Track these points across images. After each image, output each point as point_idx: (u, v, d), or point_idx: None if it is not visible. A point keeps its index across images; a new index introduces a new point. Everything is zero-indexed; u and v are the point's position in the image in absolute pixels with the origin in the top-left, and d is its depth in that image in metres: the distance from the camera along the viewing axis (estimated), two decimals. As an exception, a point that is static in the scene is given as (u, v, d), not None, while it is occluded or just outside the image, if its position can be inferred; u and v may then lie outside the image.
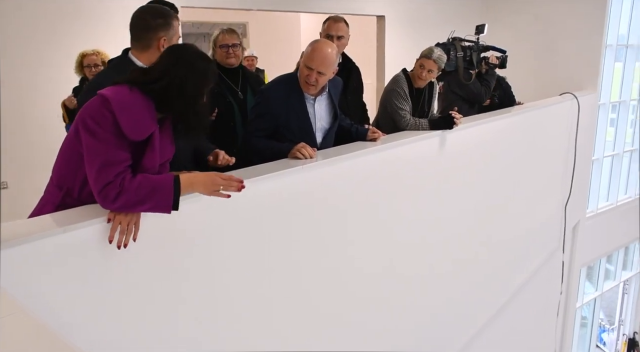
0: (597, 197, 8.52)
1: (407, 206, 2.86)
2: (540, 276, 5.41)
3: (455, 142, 3.20)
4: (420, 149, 2.92)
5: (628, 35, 8.63)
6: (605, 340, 11.00)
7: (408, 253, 2.94)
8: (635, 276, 10.67)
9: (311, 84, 2.42)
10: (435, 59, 3.11)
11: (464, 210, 3.47)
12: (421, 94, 3.24)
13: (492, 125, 3.83)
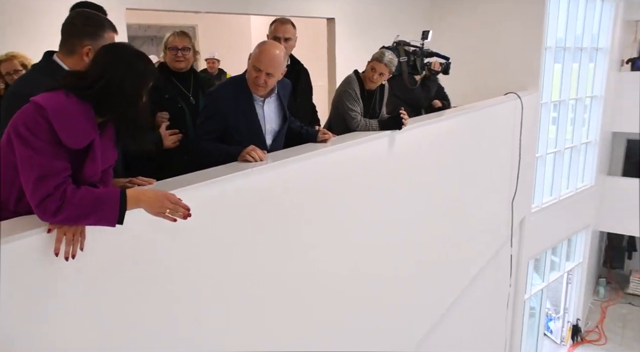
0: (542, 193, 8.89)
1: (360, 206, 2.89)
2: (490, 270, 5.60)
3: (405, 142, 3.27)
4: (370, 150, 2.96)
5: (565, 38, 9.07)
6: (552, 328, 11.49)
7: (363, 252, 2.98)
8: (578, 266, 11.20)
9: (260, 85, 2.41)
10: (387, 63, 3.17)
11: (416, 208, 3.55)
12: (372, 95, 3.29)
13: (440, 125, 3.94)
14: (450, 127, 4.14)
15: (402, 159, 3.31)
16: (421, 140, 3.61)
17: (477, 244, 4.96)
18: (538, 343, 10.37)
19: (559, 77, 9.23)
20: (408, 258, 3.52)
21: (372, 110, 3.28)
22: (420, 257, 3.71)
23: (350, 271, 2.85)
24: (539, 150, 8.63)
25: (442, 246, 4.10)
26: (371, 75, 3.18)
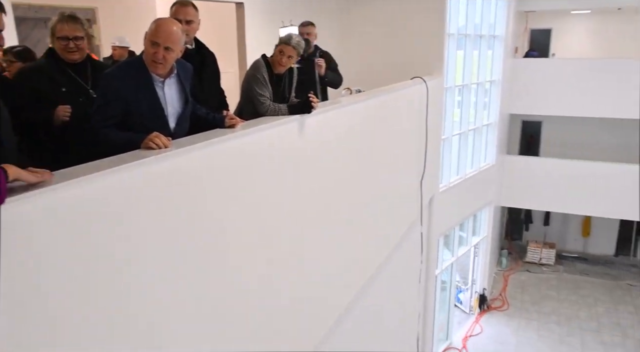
0: (449, 173, 9.40)
1: (271, 191, 2.89)
2: (402, 248, 5.85)
3: (315, 126, 3.30)
4: (280, 134, 2.96)
5: (466, 26, 9.58)
6: (462, 299, 12.27)
7: (276, 238, 2.98)
8: (483, 239, 12.02)
9: (159, 61, 2.32)
10: (295, 45, 3.17)
11: (328, 191, 3.61)
12: (281, 79, 3.29)
13: (350, 109, 4.02)
14: (360, 110, 4.24)
15: (313, 143, 3.34)
16: (332, 123, 3.66)
17: (390, 223, 5.16)
18: (449, 314, 11.03)
19: (462, 63, 9.75)
20: (322, 240, 3.58)
21: (282, 95, 3.29)
22: (334, 239, 3.79)
23: (263, 256, 2.85)
24: (445, 132, 9.11)
25: (356, 226, 4.22)
26: (279, 58, 3.18)
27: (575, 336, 11.24)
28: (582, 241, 15.54)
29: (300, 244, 3.25)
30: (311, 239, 3.40)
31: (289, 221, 3.08)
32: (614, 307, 12.42)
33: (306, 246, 3.33)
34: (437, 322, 10.36)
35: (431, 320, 7.87)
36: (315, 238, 3.45)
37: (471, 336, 11.27)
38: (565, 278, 13.97)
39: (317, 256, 3.50)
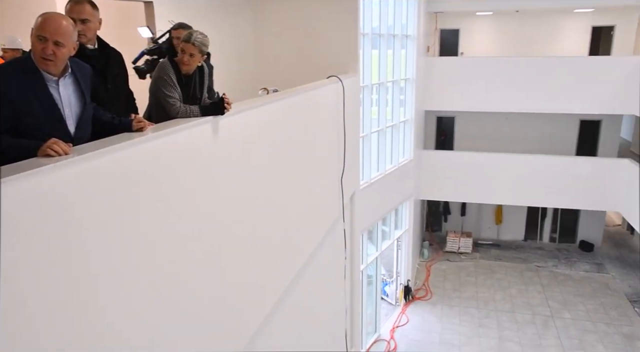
0: (369, 169, 9.63)
1: (186, 196, 2.80)
2: (326, 245, 5.92)
3: (230, 127, 3.25)
4: (193, 137, 2.88)
5: (380, 26, 9.86)
6: (388, 291, 12.64)
7: (196, 243, 2.91)
8: (405, 232, 12.44)
9: (48, 58, 2.15)
10: (196, 43, 3.07)
11: (247, 193, 3.57)
12: (191, 80, 3.20)
13: (266, 108, 4.00)
14: (276, 110, 4.24)
15: (229, 144, 3.29)
16: (247, 124, 3.62)
17: (312, 221, 5.20)
18: (377, 307, 11.31)
19: (377, 62, 10.04)
20: (244, 241, 3.54)
21: (193, 96, 3.20)
22: (256, 239, 3.76)
23: (182, 261, 2.76)
24: (364, 130, 9.32)
25: (278, 226, 4.21)
26: (182, 57, 3.06)
27: (492, 318, 11.93)
28: (496, 229, 16.54)
29: (221, 246, 3.19)
30: (232, 241, 3.35)
31: (207, 224, 3.01)
32: (525, 288, 13.33)
33: (227, 248, 3.27)
34: (365, 316, 10.60)
35: (359, 314, 8.04)
36: (236, 239, 3.40)
37: (398, 326, 11.64)
38: (482, 264, 14.79)
39: (239, 256, 3.46)
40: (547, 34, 15.29)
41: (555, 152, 14.45)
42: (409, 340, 11.14)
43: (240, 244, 3.47)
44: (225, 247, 3.25)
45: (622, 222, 17.41)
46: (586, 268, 14.55)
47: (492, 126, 15.31)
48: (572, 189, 13.09)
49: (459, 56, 15.59)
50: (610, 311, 12.26)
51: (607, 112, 13.16)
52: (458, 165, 13.71)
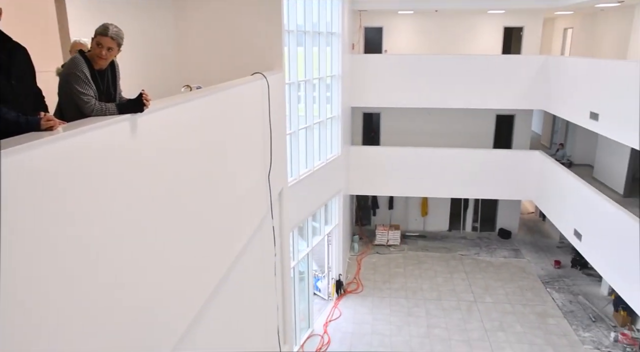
0: (298, 165, 9.68)
1: (106, 197, 2.68)
2: (256, 242, 5.89)
3: (150, 125, 3.15)
4: (109, 135, 2.76)
5: (305, 23, 9.92)
6: (320, 287, 12.78)
7: (120, 245, 2.79)
8: (335, 228, 12.63)
9: None
10: (113, 36, 2.94)
11: (171, 191, 3.48)
12: (104, 75, 3.06)
13: (188, 105, 3.91)
14: (199, 107, 4.16)
15: (149, 143, 3.19)
16: (169, 122, 3.53)
17: (240, 219, 5.16)
18: (309, 303, 11.42)
19: (303, 59, 10.10)
20: (169, 241, 3.46)
21: (107, 92, 3.06)
22: (182, 239, 3.67)
23: (104, 263, 2.65)
24: (291, 127, 9.36)
25: (204, 224, 4.14)
26: (99, 51, 2.91)
27: (420, 307, 12.40)
28: (422, 221, 17.19)
29: (145, 248, 3.10)
30: (156, 242, 3.26)
31: (127, 227, 2.91)
32: (450, 276, 13.96)
33: (151, 249, 3.18)
34: (298, 312, 10.67)
35: (291, 311, 8.07)
36: (160, 240, 3.31)
37: (331, 320, 11.81)
38: (410, 255, 15.33)
39: (164, 257, 3.37)
40: (465, 33, 16.05)
41: (475, 146, 15.24)
42: (342, 333, 11.35)
43: (165, 244, 3.38)
44: (148, 249, 3.15)
45: (535, 209, 18.66)
46: (505, 254, 15.47)
47: (417, 122, 15.87)
48: (491, 180, 13.87)
49: (383, 53, 16.00)
50: (526, 292, 13.12)
51: (519, 107, 14.03)
52: (385, 160, 14.11)
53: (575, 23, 18.02)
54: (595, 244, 9.84)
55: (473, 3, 14.08)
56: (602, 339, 11.11)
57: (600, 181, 13.58)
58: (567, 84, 11.85)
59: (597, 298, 12.79)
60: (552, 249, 15.79)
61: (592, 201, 9.90)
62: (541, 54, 15.75)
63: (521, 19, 15.71)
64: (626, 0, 12.48)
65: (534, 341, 10.99)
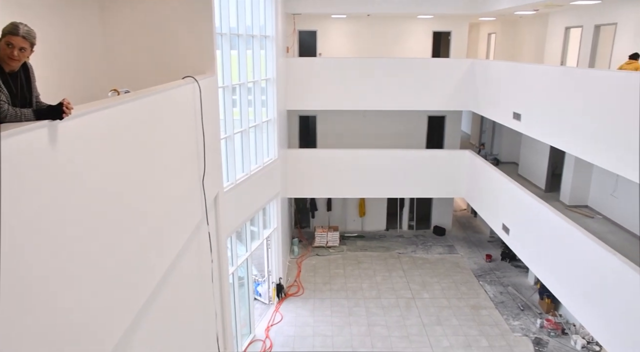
0: (234, 170, 9.58)
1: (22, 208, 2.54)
2: (191, 248, 5.77)
3: (72, 132, 3.01)
4: (25, 143, 2.61)
5: (238, 27, 9.85)
6: (260, 291, 12.69)
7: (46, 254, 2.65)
8: (274, 231, 12.59)
9: None
10: (25, 35, 2.76)
11: (98, 201, 3.35)
12: (17, 78, 2.88)
13: (114, 110, 3.78)
14: (127, 112, 4.02)
15: (73, 150, 3.05)
16: (94, 127, 3.39)
17: (173, 226, 5.03)
18: (250, 308, 11.30)
19: (237, 62, 10.01)
20: (98, 253, 3.32)
21: (22, 96, 2.89)
22: (112, 249, 3.54)
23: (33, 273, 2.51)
24: (226, 131, 9.25)
25: (135, 233, 4.01)
26: (9, 52, 2.72)
27: (361, 306, 12.60)
28: (360, 221, 17.47)
29: (70, 257, 2.96)
30: (83, 250, 3.12)
31: (48, 236, 2.77)
32: (389, 275, 14.29)
33: (78, 258, 3.04)
34: (239, 318, 10.55)
35: (230, 317, 7.96)
36: (87, 249, 3.17)
37: (273, 324, 11.75)
38: (349, 256, 15.54)
39: (93, 266, 3.23)
40: (397, 37, 16.51)
41: (409, 146, 15.70)
42: (284, 337, 11.32)
43: (90, 254, 3.25)
44: (73, 259, 3.02)
45: (467, 206, 19.47)
46: (440, 251, 16.03)
47: (352, 124, 16.14)
48: (424, 179, 14.33)
49: (317, 57, 16.15)
50: (461, 286, 13.66)
51: (449, 108, 14.60)
52: (321, 163, 14.23)
53: (497, 29, 19.00)
54: (521, 237, 10.40)
55: (403, 8, 14.51)
56: (529, 326, 11.75)
57: (525, 178, 14.38)
58: (492, 86, 12.46)
59: (525, 288, 13.52)
60: (483, 243, 16.53)
61: (518, 196, 10.46)
62: (468, 58, 16.49)
63: (449, 24, 16.37)
64: (540, 9, 13.30)
65: (469, 333, 11.45)
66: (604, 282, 7.32)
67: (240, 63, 10.10)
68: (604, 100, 7.58)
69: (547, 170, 13.36)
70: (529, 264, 10.16)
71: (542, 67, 10.49)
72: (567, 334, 11.33)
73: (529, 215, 9.94)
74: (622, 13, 11.25)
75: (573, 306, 8.19)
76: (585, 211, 11.86)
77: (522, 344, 11.07)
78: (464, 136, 20.23)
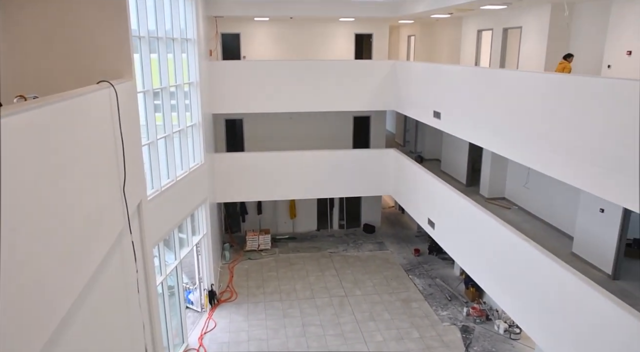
0: (159, 177, 9.29)
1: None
2: (114, 259, 5.55)
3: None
4: None
5: (157, 30, 9.58)
6: (192, 299, 12.40)
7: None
8: (204, 237, 12.35)
9: None
10: None
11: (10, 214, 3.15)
12: None
13: (19, 117, 3.57)
14: (32, 120, 3.81)
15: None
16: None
17: (92, 237, 4.82)
18: (182, 317, 11.01)
19: (157, 66, 9.72)
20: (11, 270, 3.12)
21: None
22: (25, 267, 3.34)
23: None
24: (149, 137, 8.97)
25: (51, 249, 3.80)
26: None
27: (295, 307, 12.64)
28: (291, 223, 17.52)
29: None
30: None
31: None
32: (321, 274, 14.43)
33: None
34: (171, 328, 10.25)
35: (159, 328, 7.71)
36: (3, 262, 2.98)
37: (206, 332, 11.52)
38: (282, 258, 15.54)
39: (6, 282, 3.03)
40: (320, 39, 16.74)
41: (336, 147, 15.95)
42: (219, 344, 11.14)
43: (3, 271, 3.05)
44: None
45: (394, 203, 20.07)
46: (370, 248, 16.40)
47: (279, 126, 16.17)
48: (353, 178, 14.61)
49: (241, 60, 16.04)
50: (392, 281, 14.06)
51: (373, 108, 14.98)
52: (249, 166, 14.14)
53: (417, 31, 19.76)
54: (446, 231, 10.89)
55: (324, 11, 14.73)
56: (457, 315, 12.30)
57: (447, 173, 15.06)
58: (413, 86, 12.94)
59: (452, 279, 14.14)
60: (411, 238, 17.10)
61: (441, 191, 10.93)
62: (390, 59, 17.01)
63: (370, 26, 16.81)
64: (454, 13, 14.00)
65: (401, 326, 11.81)
66: (519, 267, 7.83)
67: (161, 67, 9.83)
68: (510, 97, 8.12)
69: (467, 166, 14.06)
70: (453, 255, 10.65)
71: (458, 68, 11.04)
72: (491, 320, 11.98)
73: (452, 209, 10.42)
74: (526, 18, 12.09)
75: (494, 293, 8.68)
76: (503, 203, 12.61)
77: (450, 332, 11.57)
78: (389, 135, 20.86)
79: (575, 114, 6.55)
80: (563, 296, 6.77)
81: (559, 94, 6.93)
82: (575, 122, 6.52)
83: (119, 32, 6.53)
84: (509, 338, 11.30)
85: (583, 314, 6.42)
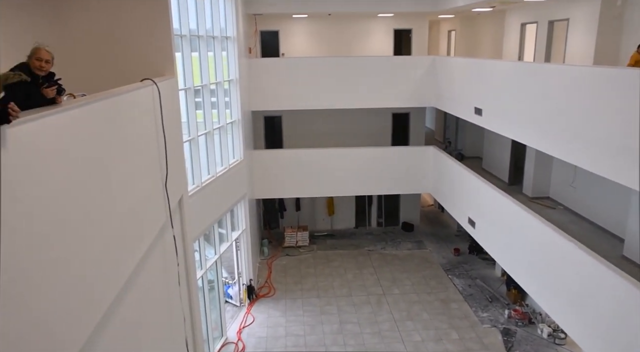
0: (200, 172, 9.45)
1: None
2: (156, 253, 5.68)
3: (23, 137, 2.92)
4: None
5: (197, 28, 9.73)
6: (231, 294, 12.58)
7: (23, 256, 2.56)
8: (243, 233, 12.49)
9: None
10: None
11: (56, 207, 3.25)
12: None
13: (70, 114, 3.68)
14: (83, 116, 3.92)
15: (25, 157, 2.95)
16: (49, 132, 3.29)
17: (136, 231, 4.94)
18: (221, 311, 11.19)
19: (198, 64, 9.88)
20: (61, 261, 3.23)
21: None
22: (74, 257, 3.44)
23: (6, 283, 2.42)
24: (190, 133, 9.13)
25: (97, 240, 3.91)
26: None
27: (332, 304, 12.63)
28: (329, 220, 17.52)
29: (29, 265, 2.87)
30: (41, 259, 3.02)
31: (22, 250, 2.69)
32: (359, 272, 14.37)
33: (37, 266, 2.95)
34: (210, 321, 10.42)
35: (199, 321, 7.85)
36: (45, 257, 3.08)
37: (245, 327, 11.67)
38: (320, 255, 15.56)
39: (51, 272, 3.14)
40: (358, 35, 16.62)
41: (375, 144, 15.82)
42: (257, 338, 11.26)
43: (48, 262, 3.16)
44: (32, 266, 2.93)
45: (434, 202, 19.75)
46: (409, 246, 16.22)
47: (318, 123, 16.16)
48: (391, 176, 14.47)
49: (280, 57, 16.11)
50: (430, 281, 13.85)
51: (412, 105, 14.78)
52: (288, 163, 14.20)
53: (457, 26, 19.35)
54: (487, 230, 10.63)
55: (363, 7, 14.61)
56: (498, 317, 12.01)
57: (489, 171, 14.70)
58: (453, 82, 12.68)
59: (492, 280, 13.82)
60: (451, 237, 16.81)
61: (482, 190, 10.68)
62: (429, 55, 16.74)
63: (409, 21, 16.57)
64: (497, 6, 13.62)
65: (440, 326, 11.62)
66: (565, 270, 7.55)
67: (201, 65, 9.98)
68: (558, 93, 7.81)
69: (509, 164, 13.69)
70: (495, 256, 10.39)
71: (501, 63, 10.74)
72: (534, 323, 11.64)
73: (494, 208, 10.16)
74: (573, 9, 11.63)
75: (538, 296, 8.41)
76: (547, 202, 12.20)
77: (491, 335, 11.31)
78: (429, 132, 20.54)
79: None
80: (613, 301, 6.48)
81: (622, 90, 6.15)
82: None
83: (161, 31, 6.67)
84: (554, 343, 10.93)
85: (638, 322, 6.12)
